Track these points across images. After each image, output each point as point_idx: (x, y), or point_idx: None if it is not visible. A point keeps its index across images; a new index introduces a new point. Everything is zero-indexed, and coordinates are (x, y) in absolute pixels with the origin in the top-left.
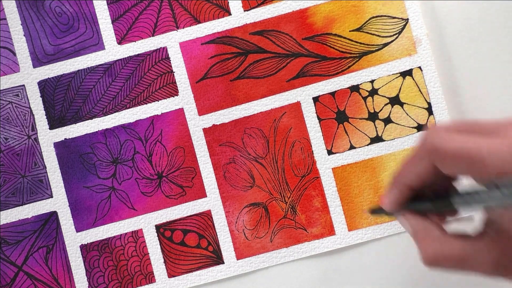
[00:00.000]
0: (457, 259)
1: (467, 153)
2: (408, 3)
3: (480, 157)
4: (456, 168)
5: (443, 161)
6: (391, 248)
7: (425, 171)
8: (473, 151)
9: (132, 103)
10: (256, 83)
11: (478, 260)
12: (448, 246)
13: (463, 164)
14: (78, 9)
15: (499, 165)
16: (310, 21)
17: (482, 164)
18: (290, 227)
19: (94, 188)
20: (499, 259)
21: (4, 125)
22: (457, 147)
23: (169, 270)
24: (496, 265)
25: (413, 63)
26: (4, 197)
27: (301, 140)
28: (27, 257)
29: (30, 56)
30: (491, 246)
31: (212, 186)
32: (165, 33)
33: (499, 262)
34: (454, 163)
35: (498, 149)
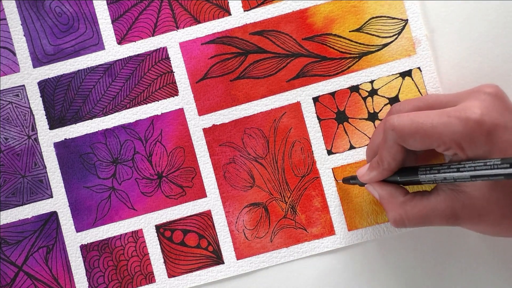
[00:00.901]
0: (418, 218)
1: (423, 129)
2: (407, 4)
3: (436, 131)
4: (417, 143)
5: (405, 141)
6: (391, 248)
7: (398, 152)
8: (428, 126)
9: (132, 103)
10: (256, 83)
11: (437, 215)
12: (410, 209)
13: (423, 140)
14: (78, 9)
15: (452, 136)
16: (310, 21)
17: (439, 137)
18: (290, 227)
19: (94, 188)
20: (453, 211)
21: (4, 125)
22: (415, 125)
23: (169, 270)
24: (451, 217)
25: (412, 63)
26: (4, 197)
27: (301, 140)
28: (27, 257)
29: (30, 56)
30: (446, 201)
31: (212, 186)
32: (165, 33)
33: (453, 213)
34: (414, 140)
35: (449, 121)
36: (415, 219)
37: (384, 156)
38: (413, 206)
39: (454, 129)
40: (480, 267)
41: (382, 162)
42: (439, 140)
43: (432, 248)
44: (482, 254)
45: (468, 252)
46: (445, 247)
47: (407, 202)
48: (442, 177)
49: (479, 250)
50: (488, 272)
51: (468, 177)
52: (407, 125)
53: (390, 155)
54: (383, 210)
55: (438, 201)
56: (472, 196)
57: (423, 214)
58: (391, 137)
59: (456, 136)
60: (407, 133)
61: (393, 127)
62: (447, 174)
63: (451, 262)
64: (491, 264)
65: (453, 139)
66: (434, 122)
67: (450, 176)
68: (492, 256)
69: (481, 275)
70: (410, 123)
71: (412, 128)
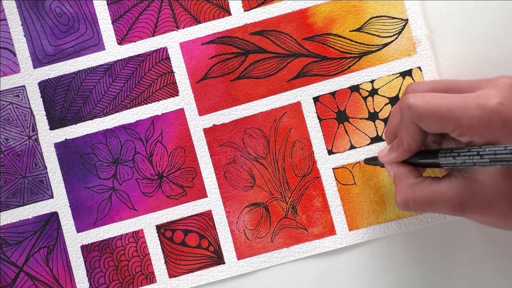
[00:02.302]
0: (424, 201)
1: (439, 110)
2: (407, 4)
3: (453, 114)
4: (434, 125)
5: (421, 120)
6: (391, 248)
7: (416, 132)
8: (444, 108)
9: (133, 104)
10: (256, 83)
11: (444, 201)
12: (418, 191)
13: (439, 122)
14: (78, 9)
15: (469, 121)
16: (310, 21)
17: (456, 121)
18: (291, 227)
19: (94, 189)
20: (462, 199)
21: (5, 126)
22: (431, 106)
23: (170, 270)
24: (459, 205)
25: (412, 63)
26: (5, 197)
27: (302, 140)
28: (28, 258)
29: (30, 56)
30: (457, 188)
31: (212, 186)
32: (165, 33)
33: (462, 202)
34: (430, 121)
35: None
36: (421, 202)
37: (403, 136)
38: (422, 189)
39: (472, 113)
40: (480, 268)
41: (402, 143)
42: (455, 123)
43: (433, 248)
44: (482, 254)
45: (468, 252)
46: (446, 247)
47: (416, 184)
48: (462, 160)
49: (480, 251)
50: (489, 272)
51: (487, 161)
52: (424, 104)
53: (409, 134)
54: (384, 209)
55: (448, 187)
56: (484, 184)
57: (430, 198)
58: (407, 116)
59: (473, 121)
60: (424, 112)
61: (409, 105)
62: (466, 158)
63: (452, 262)
64: (492, 264)
65: (469, 124)
66: (451, 105)
67: (470, 160)
68: (493, 255)
69: (482, 275)
70: (426, 103)
71: (428, 108)
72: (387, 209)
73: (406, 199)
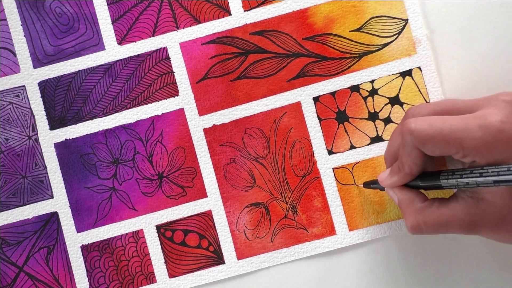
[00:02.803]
0: (436, 225)
1: (442, 134)
2: (408, 4)
3: (455, 136)
4: (437, 149)
5: (423, 144)
6: (391, 248)
7: (418, 156)
8: (447, 131)
9: (133, 104)
10: (256, 83)
11: (455, 223)
12: (428, 216)
13: (442, 145)
14: (78, 9)
15: (471, 142)
16: (310, 21)
17: (458, 143)
18: (291, 227)
19: (94, 189)
20: (472, 219)
21: (5, 126)
22: (433, 130)
23: (170, 270)
24: (470, 225)
25: (412, 63)
26: (5, 197)
27: (302, 140)
28: (28, 258)
29: (30, 56)
30: (466, 209)
31: (212, 186)
32: (165, 33)
33: (472, 221)
34: (433, 145)
35: (469, 127)
36: (433, 226)
37: (405, 160)
38: (432, 213)
39: (474, 135)
40: (480, 268)
41: (403, 167)
42: (458, 146)
43: (433, 248)
44: (483, 255)
45: (469, 252)
46: (447, 247)
47: (425, 208)
48: (465, 182)
49: (480, 251)
50: (489, 272)
51: (491, 182)
52: (426, 129)
53: (410, 159)
54: (384, 210)
55: (457, 208)
56: (492, 203)
57: (441, 221)
58: (409, 141)
59: (475, 143)
60: (426, 137)
61: (410, 131)
62: (470, 179)
63: (452, 262)
64: (493, 265)
65: (472, 145)
66: (453, 127)
67: (473, 181)
68: (493, 255)
69: (482, 275)
70: (428, 127)
71: (430, 133)
72: (387, 209)
73: (418, 225)
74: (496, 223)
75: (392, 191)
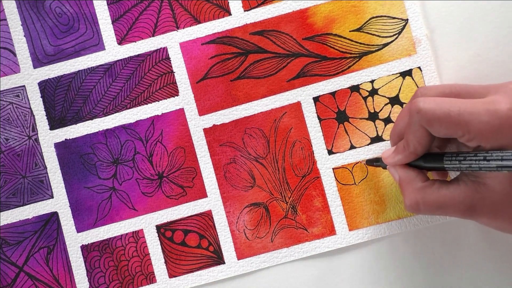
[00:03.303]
0: (434, 205)
1: (449, 115)
2: (408, 4)
3: (463, 119)
4: (443, 130)
5: (430, 124)
6: (391, 248)
7: (424, 135)
8: (455, 113)
9: (133, 104)
10: (256, 83)
11: (453, 205)
12: (427, 195)
13: (448, 126)
14: (78, 9)
15: (478, 126)
16: (310, 21)
17: (465, 126)
18: (291, 227)
19: (94, 189)
20: (471, 203)
21: (5, 126)
22: (441, 110)
23: (170, 270)
24: (468, 208)
25: (412, 63)
26: (5, 197)
27: (302, 140)
28: (28, 258)
29: (30, 56)
30: (466, 192)
31: (212, 186)
32: (165, 33)
33: (471, 205)
34: (440, 126)
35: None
36: (431, 206)
37: (410, 139)
38: (431, 193)
39: (482, 119)
40: (480, 267)
41: (408, 146)
42: (464, 128)
43: (433, 248)
44: (482, 254)
45: (468, 252)
46: (446, 246)
47: (425, 188)
48: (468, 165)
49: (480, 251)
50: (489, 272)
51: (494, 166)
52: (434, 109)
53: (416, 138)
54: (384, 210)
55: (457, 191)
56: (493, 189)
57: (440, 202)
58: (416, 120)
59: (482, 127)
60: (433, 117)
61: (418, 109)
62: (473, 162)
63: (452, 262)
64: (492, 264)
65: (478, 129)
66: (461, 110)
67: (476, 164)
68: (493, 255)
69: (482, 275)
70: (436, 107)
71: (438, 113)
72: (387, 209)
73: (416, 203)
74: (495, 209)
75: (394, 169)
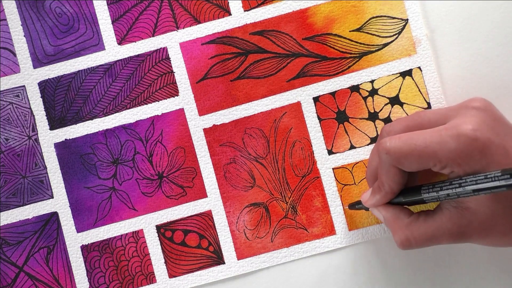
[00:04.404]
0: (424, 238)
1: (416, 149)
2: (408, 4)
3: (431, 150)
4: (414, 165)
5: (400, 163)
6: (391, 248)
7: (396, 174)
8: (421, 146)
9: (133, 104)
10: (256, 83)
11: (443, 233)
12: (416, 230)
13: (418, 160)
14: (78, 9)
15: (447, 154)
16: (310, 21)
17: (434, 156)
18: (291, 227)
19: (94, 189)
20: (459, 228)
21: (5, 126)
22: (408, 147)
23: (170, 271)
24: (458, 234)
25: (412, 63)
26: (5, 197)
27: (302, 140)
28: (28, 258)
29: (30, 56)
30: (452, 219)
31: (212, 186)
32: (165, 34)
33: (459, 230)
34: (410, 162)
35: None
36: (422, 239)
37: (384, 180)
38: (419, 227)
39: (448, 146)
40: (480, 267)
41: (383, 186)
42: (434, 159)
43: (432, 248)
44: (482, 254)
45: (469, 252)
46: (446, 247)
47: (412, 223)
48: (445, 194)
49: (480, 251)
50: (489, 272)
51: (470, 191)
52: (401, 147)
53: (389, 177)
54: None
55: (443, 220)
56: (477, 211)
57: (429, 233)
58: (386, 160)
59: (451, 154)
60: (402, 155)
61: (386, 150)
62: (450, 191)
63: (451, 262)
64: (492, 264)
65: (448, 157)
66: (427, 141)
67: (453, 192)
68: (493, 255)
69: (482, 275)
70: (403, 145)
71: (405, 150)
72: None
73: (407, 240)
74: (483, 229)
75: (377, 210)
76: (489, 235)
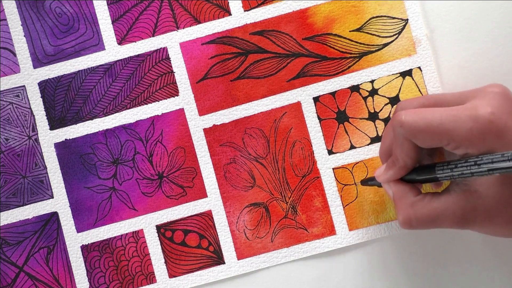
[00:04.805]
0: (426, 219)
1: (432, 125)
2: (408, 4)
3: (445, 127)
4: (428, 140)
5: (414, 136)
6: (391, 248)
7: (410, 148)
8: (437, 122)
9: (133, 104)
10: (256, 83)
11: (446, 216)
12: (419, 209)
13: (432, 136)
14: (78, 9)
15: (462, 133)
16: (310, 21)
17: (448, 134)
18: (291, 227)
19: (94, 189)
20: (464, 213)
21: (5, 126)
22: (423, 121)
23: (170, 271)
24: (462, 218)
25: (412, 63)
26: (5, 197)
27: (302, 140)
28: (28, 258)
29: (30, 56)
30: (458, 201)
31: (212, 186)
32: (165, 34)
33: (464, 215)
34: (424, 136)
35: (459, 118)
36: (424, 220)
37: (398, 153)
38: (423, 207)
39: (465, 126)
40: (480, 267)
41: (397, 160)
42: (448, 136)
43: (432, 248)
44: (483, 254)
45: (468, 252)
46: (446, 247)
47: (417, 202)
48: (460, 172)
49: (480, 250)
50: (489, 272)
51: (485, 170)
52: (416, 120)
53: (403, 151)
54: (384, 209)
55: (449, 202)
56: (485, 195)
57: (432, 215)
58: (400, 133)
59: (466, 133)
60: (416, 128)
61: (401, 123)
62: (464, 169)
63: (451, 262)
64: (492, 264)
65: (463, 136)
66: (443, 118)
67: (468, 170)
68: (493, 255)
69: (482, 275)
70: (418, 119)
71: (420, 124)
72: (387, 209)
73: (409, 218)
74: (488, 215)
75: (388, 185)
76: (493, 222)
